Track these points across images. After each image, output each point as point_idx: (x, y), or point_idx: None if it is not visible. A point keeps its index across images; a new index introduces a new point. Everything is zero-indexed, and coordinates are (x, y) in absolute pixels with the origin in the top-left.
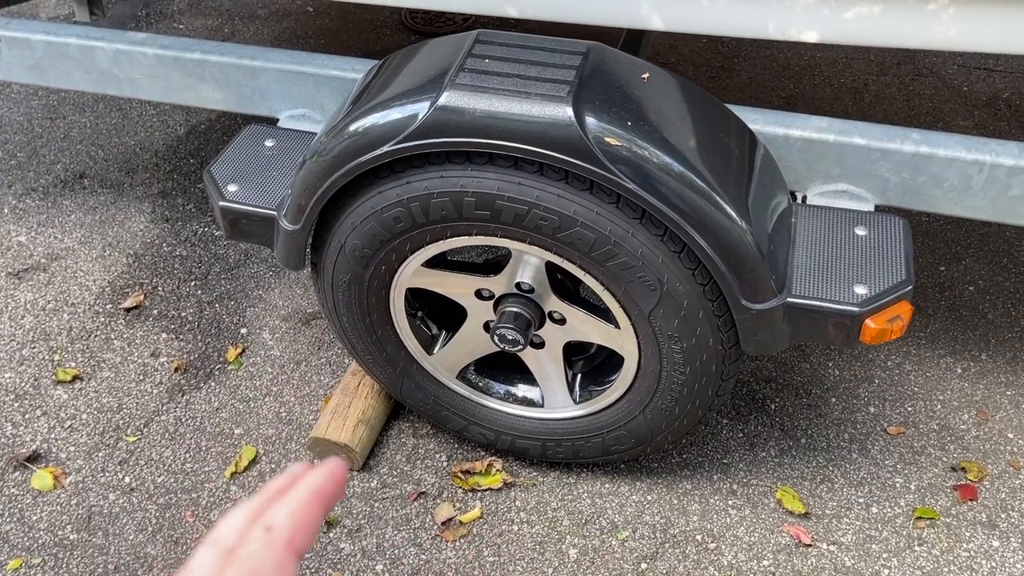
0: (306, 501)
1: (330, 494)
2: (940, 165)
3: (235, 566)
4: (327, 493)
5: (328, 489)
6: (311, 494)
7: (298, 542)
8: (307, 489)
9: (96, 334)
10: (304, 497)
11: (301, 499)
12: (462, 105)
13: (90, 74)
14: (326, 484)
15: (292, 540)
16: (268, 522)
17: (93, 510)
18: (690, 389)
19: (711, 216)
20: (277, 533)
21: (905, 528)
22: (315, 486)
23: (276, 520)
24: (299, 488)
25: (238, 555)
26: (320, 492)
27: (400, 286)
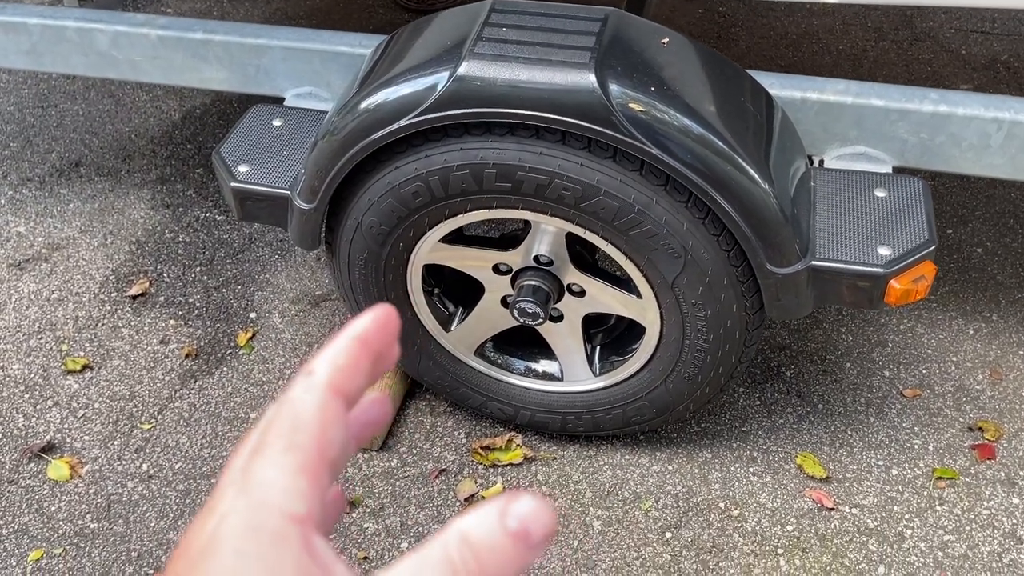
0: (346, 346)
1: (375, 339)
2: (959, 124)
3: (281, 407)
4: (371, 337)
5: (372, 334)
6: (352, 339)
7: (340, 383)
8: (349, 335)
9: (103, 323)
10: (344, 343)
11: (340, 344)
12: (482, 74)
13: (88, 57)
14: (369, 329)
15: (332, 382)
16: (310, 368)
17: (112, 498)
18: (713, 356)
19: (735, 179)
20: (316, 376)
21: (926, 488)
22: (357, 331)
23: (316, 365)
24: (342, 335)
25: (280, 402)
26: (362, 337)
27: (418, 263)
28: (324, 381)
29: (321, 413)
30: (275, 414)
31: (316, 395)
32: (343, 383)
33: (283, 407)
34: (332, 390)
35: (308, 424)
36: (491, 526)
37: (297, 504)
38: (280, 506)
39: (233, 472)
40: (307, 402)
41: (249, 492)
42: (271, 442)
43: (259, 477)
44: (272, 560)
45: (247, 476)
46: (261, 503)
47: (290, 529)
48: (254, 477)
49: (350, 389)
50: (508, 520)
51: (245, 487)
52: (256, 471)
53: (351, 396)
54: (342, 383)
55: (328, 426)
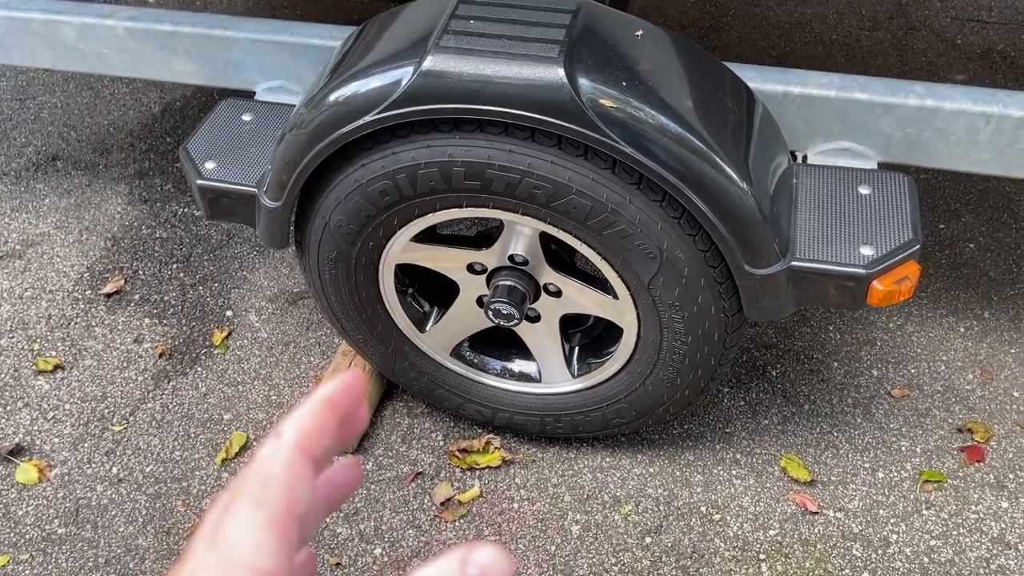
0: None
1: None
2: (946, 119)
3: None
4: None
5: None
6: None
7: (307, 444)
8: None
9: (76, 321)
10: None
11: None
12: (447, 69)
13: (56, 51)
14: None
15: (300, 442)
16: (278, 430)
17: (81, 503)
18: (692, 359)
19: (711, 178)
20: (284, 437)
21: (912, 492)
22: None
23: (285, 426)
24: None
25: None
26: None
27: (389, 262)
28: (292, 441)
29: (288, 471)
30: (245, 474)
31: (283, 454)
32: (310, 443)
33: (252, 467)
34: (299, 450)
35: (275, 481)
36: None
37: (264, 559)
38: (248, 561)
39: (205, 530)
40: (275, 461)
41: (218, 547)
42: (240, 499)
43: (228, 533)
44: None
45: (217, 533)
46: (229, 558)
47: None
48: (223, 533)
49: (317, 449)
50: (468, 568)
51: (214, 543)
52: (225, 527)
53: (318, 456)
54: (309, 443)
55: (295, 483)
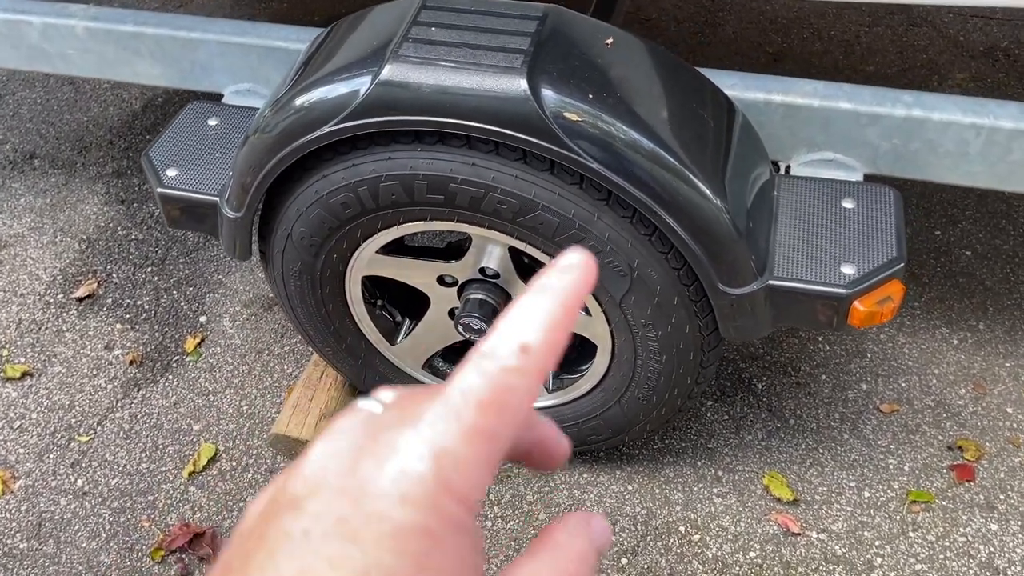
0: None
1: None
2: (934, 130)
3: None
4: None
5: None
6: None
7: (550, 366)
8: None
9: (47, 326)
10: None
11: (554, 311)
12: (406, 79)
13: (19, 50)
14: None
15: (545, 366)
16: (525, 339)
17: (44, 516)
18: (668, 377)
19: (682, 194)
20: (534, 357)
21: (899, 513)
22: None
23: (533, 339)
24: (551, 299)
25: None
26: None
27: (355, 274)
28: (541, 365)
29: (528, 405)
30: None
31: (528, 381)
32: (551, 365)
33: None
34: (541, 376)
35: (514, 415)
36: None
37: (477, 496)
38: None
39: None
40: (520, 389)
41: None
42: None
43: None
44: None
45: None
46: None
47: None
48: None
49: (549, 369)
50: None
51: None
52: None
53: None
54: (550, 366)
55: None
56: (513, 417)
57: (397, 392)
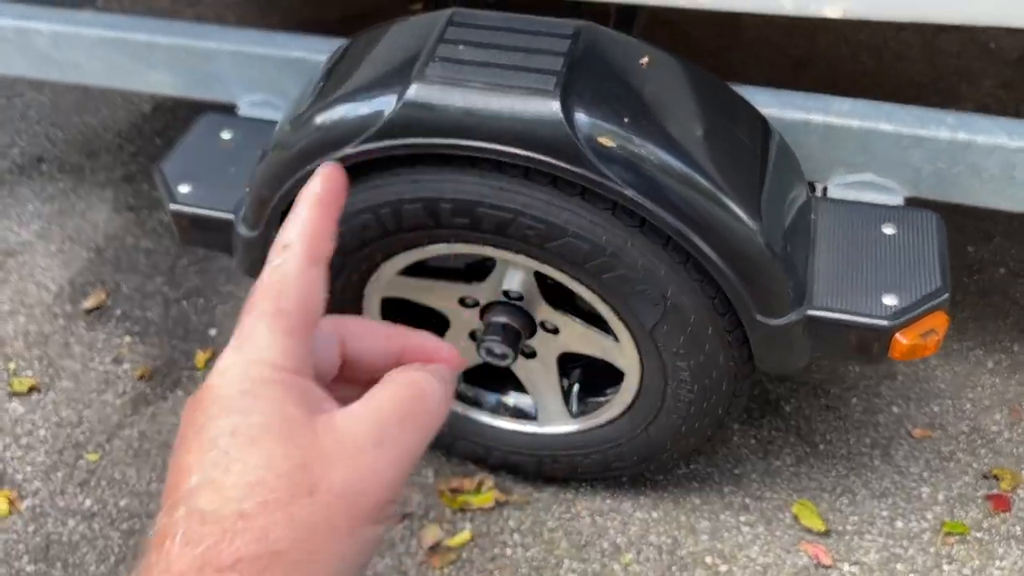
0: (313, 214)
1: (330, 197)
2: (979, 153)
3: (260, 284)
4: (327, 198)
5: (327, 194)
6: (316, 206)
7: (315, 251)
8: (311, 202)
9: (54, 338)
10: (310, 211)
11: (307, 213)
12: (433, 101)
13: (28, 58)
14: (328, 190)
15: (309, 251)
16: (283, 241)
17: (51, 538)
18: (698, 407)
19: (717, 218)
20: (293, 247)
21: (933, 545)
22: (318, 196)
23: (288, 236)
24: (300, 204)
25: (263, 277)
26: (324, 200)
27: (374, 296)
28: (302, 251)
29: (303, 280)
30: (263, 283)
31: (294, 263)
32: (317, 251)
33: (269, 276)
34: (309, 259)
35: (290, 291)
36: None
37: (287, 360)
38: (272, 361)
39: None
40: (287, 270)
41: (245, 351)
42: (262, 307)
43: (253, 338)
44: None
45: (242, 336)
46: (254, 359)
47: (285, 376)
48: (248, 337)
49: (323, 254)
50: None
51: (241, 347)
52: (249, 333)
53: (325, 257)
54: (316, 251)
55: (309, 292)
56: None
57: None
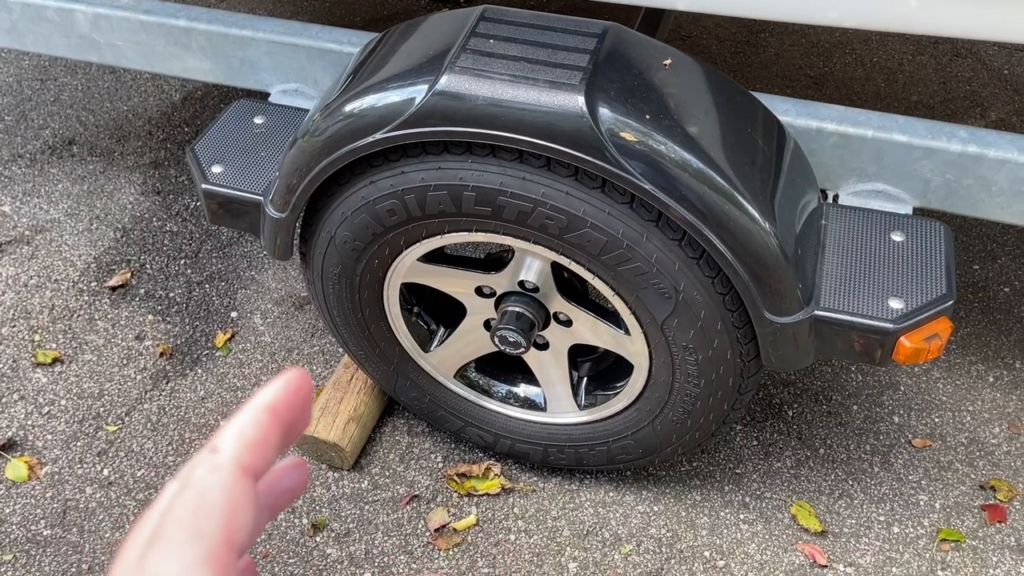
0: (255, 418)
1: (286, 408)
2: (989, 167)
3: (184, 491)
4: (281, 407)
5: (283, 403)
6: (261, 410)
7: (249, 461)
8: (257, 405)
9: (79, 314)
10: (252, 414)
11: (248, 416)
12: (462, 91)
13: (70, 39)
14: (279, 398)
15: (239, 459)
16: (214, 444)
17: (69, 504)
18: (704, 402)
19: (732, 217)
20: (223, 454)
21: (928, 551)
22: (266, 401)
23: (221, 441)
24: (248, 406)
25: (188, 481)
26: (272, 407)
27: (394, 281)
28: (231, 459)
29: (228, 496)
30: (175, 499)
31: (222, 476)
32: (252, 460)
33: (185, 491)
34: (240, 469)
35: (214, 509)
36: None
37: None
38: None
39: (127, 566)
40: (213, 485)
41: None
42: (172, 532)
43: (158, 572)
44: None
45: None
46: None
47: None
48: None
49: (259, 465)
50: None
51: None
52: (154, 565)
53: (261, 472)
54: (251, 461)
55: (236, 510)
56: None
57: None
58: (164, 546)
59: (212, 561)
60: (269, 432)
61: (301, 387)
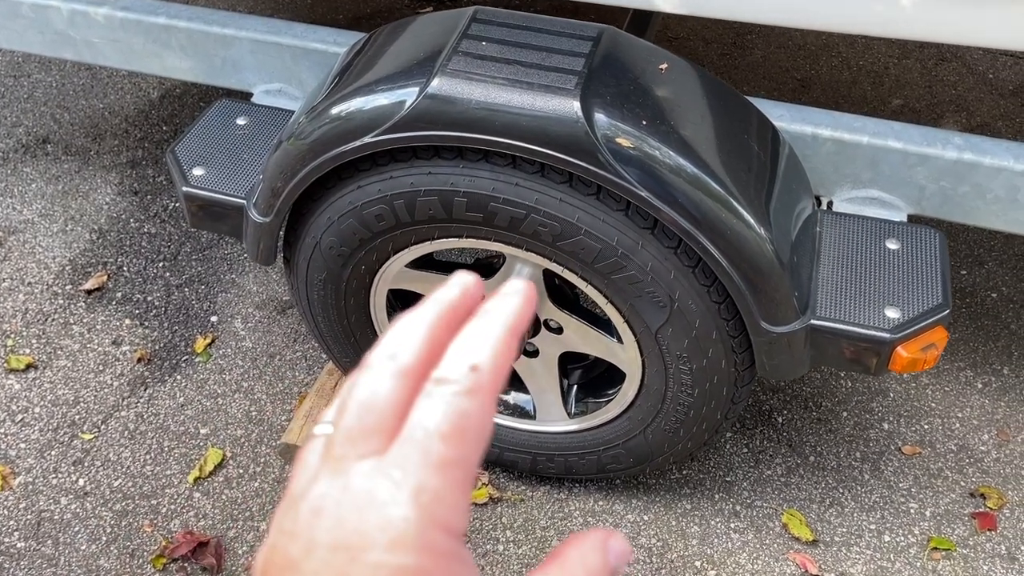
0: (502, 339)
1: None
2: (985, 175)
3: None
4: (523, 330)
5: (521, 324)
6: (506, 330)
7: (500, 387)
8: (502, 324)
9: (54, 318)
10: (498, 333)
11: (496, 334)
12: (454, 94)
13: (44, 35)
14: (523, 319)
15: (496, 385)
16: (473, 360)
17: (43, 515)
18: (697, 411)
19: (727, 223)
20: (485, 376)
21: (919, 559)
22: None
23: (482, 360)
24: (496, 322)
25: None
26: (515, 328)
27: (381, 287)
28: (492, 386)
29: (487, 422)
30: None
31: (485, 400)
32: (501, 387)
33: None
34: (496, 397)
35: (476, 437)
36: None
37: (463, 522)
38: (456, 527)
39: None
40: (474, 406)
41: (425, 505)
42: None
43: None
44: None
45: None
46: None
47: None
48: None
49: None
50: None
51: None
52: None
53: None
54: (501, 388)
55: (485, 438)
56: (476, 439)
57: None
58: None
59: (467, 487)
60: (513, 357)
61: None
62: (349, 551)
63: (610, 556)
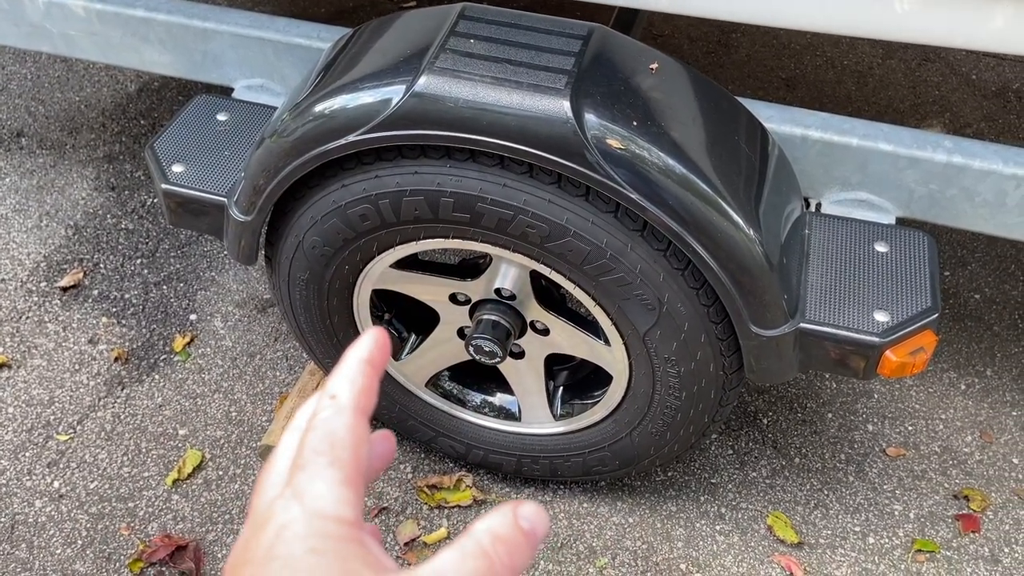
0: (360, 368)
1: (378, 359)
2: (974, 178)
3: (312, 433)
4: (375, 358)
5: (376, 355)
6: (362, 362)
7: (363, 403)
8: (358, 358)
9: (28, 315)
10: (356, 365)
11: (354, 367)
12: (442, 93)
13: (20, 28)
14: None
15: (357, 402)
16: (331, 391)
17: (17, 518)
18: (684, 414)
19: (718, 226)
20: (341, 398)
21: (903, 561)
22: (364, 354)
23: (337, 389)
24: (349, 359)
25: (313, 424)
26: (369, 359)
27: (365, 287)
28: (350, 403)
29: (353, 433)
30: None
31: (346, 416)
32: (365, 404)
33: (315, 430)
34: (358, 411)
35: (344, 441)
36: (509, 525)
37: (348, 511)
38: (335, 514)
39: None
40: (339, 424)
41: (304, 504)
42: (313, 459)
43: (310, 491)
44: (343, 555)
45: (298, 490)
46: (316, 512)
47: (349, 531)
48: (305, 490)
49: (369, 408)
50: (521, 521)
51: (299, 500)
52: (305, 486)
53: (370, 412)
54: (364, 404)
55: (360, 444)
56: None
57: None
58: (309, 471)
59: (349, 482)
60: (371, 381)
61: (384, 343)
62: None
63: (521, 521)
